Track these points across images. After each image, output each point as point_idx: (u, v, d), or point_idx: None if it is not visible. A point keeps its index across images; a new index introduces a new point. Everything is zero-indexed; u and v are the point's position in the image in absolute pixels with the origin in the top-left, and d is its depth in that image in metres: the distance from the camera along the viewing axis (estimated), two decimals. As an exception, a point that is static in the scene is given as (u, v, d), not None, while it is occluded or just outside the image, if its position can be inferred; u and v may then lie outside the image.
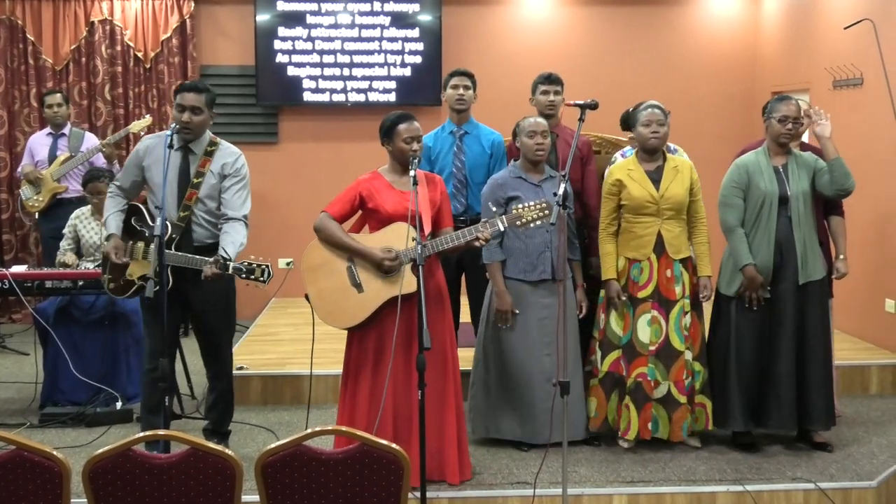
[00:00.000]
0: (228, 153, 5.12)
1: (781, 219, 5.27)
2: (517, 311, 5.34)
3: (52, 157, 7.74)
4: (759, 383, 5.36)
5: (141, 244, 5.08)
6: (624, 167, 5.43)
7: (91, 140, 7.84)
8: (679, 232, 5.35)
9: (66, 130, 7.86)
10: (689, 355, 5.35)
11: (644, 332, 5.33)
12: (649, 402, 5.34)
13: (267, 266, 4.75)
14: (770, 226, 5.27)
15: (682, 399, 5.33)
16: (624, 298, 5.37)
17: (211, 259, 4.72)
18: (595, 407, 5.51)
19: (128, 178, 5.18)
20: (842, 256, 5.68)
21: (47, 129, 7.94)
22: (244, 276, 4.73)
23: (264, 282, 4.76)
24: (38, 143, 7.91)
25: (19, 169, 7.96)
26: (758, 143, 5.62)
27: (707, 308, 5.56)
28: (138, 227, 5.11)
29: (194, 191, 4.99)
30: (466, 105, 5.96)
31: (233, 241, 4.89)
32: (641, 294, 5.34)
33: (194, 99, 4.98)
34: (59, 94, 7.96)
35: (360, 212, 4.97)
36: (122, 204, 5.18)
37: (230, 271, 4.71)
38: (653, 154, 5.40)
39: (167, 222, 4.89)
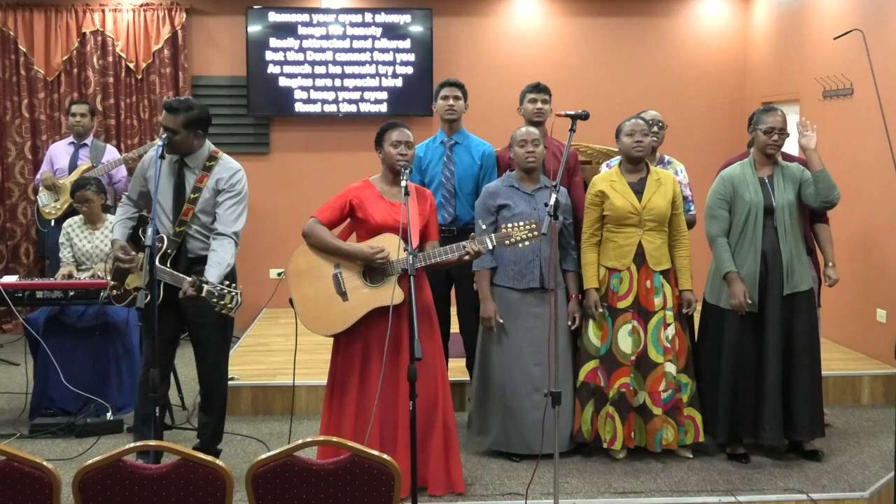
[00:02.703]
0: (225, 168, 5.06)
1: (767, 230, 5.28)
2: (501, 320, 5.35)
3: (73, 166, 7.72)
4: (749, 395, 5.35)
5: (142, 255, 5.04)
6: (607, 178, 5.43)
7: (112, 153, 7.82)
8: (660, 244, 5.36)
9: (87, 141, 7.84)
10: (670, 367, 5.34)
11: (625, 343, 5.33)
12: (632, 412, 5.36)
13: (236, 294, 4.63)
14: (756, 237, 5.28)
15: (657, 410, 5.33)
16: (601, 310, 5.37)
17: (188, 280, 4.67)
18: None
19: (135, 188, 5.22)
20: (831, 264, 5.71)
21: (69, 139, 7.92)
22: (214, 300, 4.62)
23: (230, 310, 4.65)
24: (60, 151, 7.89)
25: (38, 176, 7.93)
26: (741, 156, 5.65)
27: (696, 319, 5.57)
28: (143, 239, 5.06)
29: (191, 206, 4.98)
30: (457, 115, 5.95)
31: (219, 261, 4.83)
32: (621, 304, 5.34)
33: (168, 119, 4.91)
34: (85, 105, 7.96)
35: (348, 221, 4.98)
36: (130, 212, 5.20)
37: (204, 294, 4.62)
38: (636, 165, 5.41)
39: (163, 237, 4.92)
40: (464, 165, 5.89)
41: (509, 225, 4.64)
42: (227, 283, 4.68)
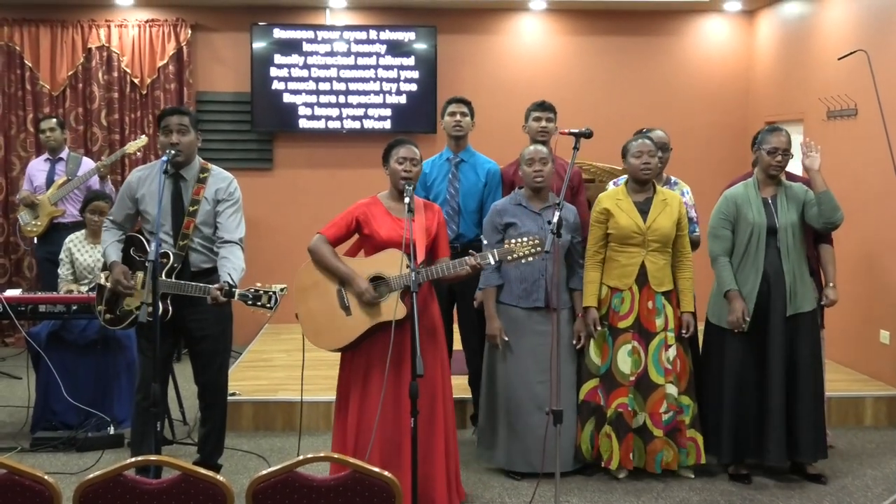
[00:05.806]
0: (221, 178, 5.14)
1: (770, 250, 5.27)
2: (506, 338, 5.35)
3: (50, 181, 7.74)
4: (752, 416, 5.33)
5: (141, 274, 5.05)
6: (613, 196, 5.43)
7: (88, 164, 7.83)
8: (663, 264, 5.36)
9: (63, 155, 7.86)
10: (671, 389, 5.33)
11: (624, 363, 5.32)
12: (630, 433, 5.33)
13: (274, 293, 4.70)
14: (758, 257, 5.27)
15: (658, 432, 5.31)
16: (600, 328, 5.37)
17: (215, 286, 4.70)
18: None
19: (121, 211, 5.20)
20: (831, 284, 5.66)
21: (45, 155, 7.95)
22: (250, 302, 4.69)
23: (271, 308, 4.72)
24: (37, 168, 7.91)
25: (18, 195, 7.96)
26: (745, 176, 5.64)
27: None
28: (138, 258, 5.08)
29: (191, 219, 5.00)
30: (463, 132, 5.97)
31: (234, 266, 4.87)
32: (622, 324, 5.33)
33: (181, 119, 5.02)
34: (53, 120, 7.97)
35: (356, 236, 4.97)
36: (117, 235, 5.19)
37: (236, 298, 4.67)
38: (643, 185, 5.41)
39: (169, 252, 4.91)
40: (469, 183, 5.90)
41: (513, 241, 4.63)
42: (259, 284, 4.73)
